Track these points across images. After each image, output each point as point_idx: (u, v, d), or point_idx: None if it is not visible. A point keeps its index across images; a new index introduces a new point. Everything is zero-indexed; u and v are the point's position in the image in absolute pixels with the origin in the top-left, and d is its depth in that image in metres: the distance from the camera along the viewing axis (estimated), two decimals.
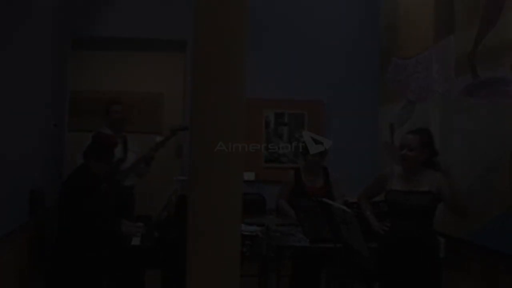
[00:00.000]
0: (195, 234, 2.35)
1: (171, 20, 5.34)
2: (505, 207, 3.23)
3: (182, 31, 4.84)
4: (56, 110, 4.73)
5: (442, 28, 4.17)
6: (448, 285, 3.50)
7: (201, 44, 2.37)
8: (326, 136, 4.70)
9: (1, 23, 3.03)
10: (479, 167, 3.54)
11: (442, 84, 4.14)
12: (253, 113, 5.44)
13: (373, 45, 5.63)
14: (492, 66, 3.44)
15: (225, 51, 2.34)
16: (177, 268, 3.17)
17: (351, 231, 3.04)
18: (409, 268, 3.21)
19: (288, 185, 4.32)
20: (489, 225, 3.38)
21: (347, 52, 5.66)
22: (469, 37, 3.70)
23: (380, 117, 5.53)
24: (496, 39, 3.41)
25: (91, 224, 3.58)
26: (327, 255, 3.73)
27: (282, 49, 5.59)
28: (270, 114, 5.66)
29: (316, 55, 5.61)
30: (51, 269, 3.66)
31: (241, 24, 2.38)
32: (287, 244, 3.82)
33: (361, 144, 5.49)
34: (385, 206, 3.48)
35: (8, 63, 3.17)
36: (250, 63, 2.51)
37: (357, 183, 3.80)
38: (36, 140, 3.95)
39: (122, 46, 6.17)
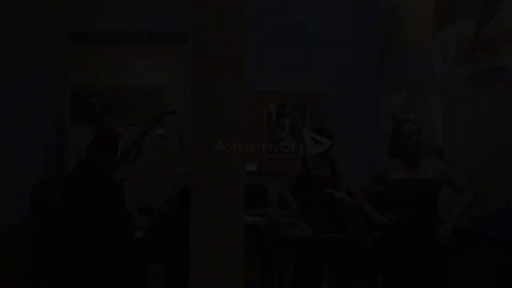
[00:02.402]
0: (198, 226, 2.36)
1: (171, 13, 5.33)
2: (508, 196, 3.23)
3: (182, 23, 4.82)
4: (57, 105, 4.72)
5: (443, 17, 4.16)
6: (450, 273, 3.51)
7: (201, 36, 2.37)
8: (328, 126, 4.69)
9: (2, 18, 3.03)
10: (481, 157, 3.54)
11: (443, 74, 4.13)
12: (254, 104, 5.43)
13: (373, 35, 5.61)
14: (493, 55, 3.43)
15: (225, 43, 2.33)
16: (180, 260, 3.18)
17: (354, 221, 3.05)
18: (417, 257, 3.21)
19: (293, 174, 4.30)
20: (493, 213, 3.38)
21: (348, 42, 5.64)
22: (470, 26, 3.68)
23: (382, 107, 5.52)
24: (497, 27, 3.39)
25: (97, 219, 3.55)
26: (330, 245, 3.74)
27: (284, 40, 5.58)
28: (271, 105, 5.67)
29: (317, 46, 5.60)
30: (55, 263, 3.66)
31: (242, 16, 2.37)
32: (290, 234, 3.84)
33: (363, 134, 5.48)
34: (388, 196, 3.47)
35: (8, 57, 3.16)
36: (251, 55, 2.50)
37: (359, 173, 3.80)
38: (37, 135, 3.95)
39: (122, 39, 6.15)
